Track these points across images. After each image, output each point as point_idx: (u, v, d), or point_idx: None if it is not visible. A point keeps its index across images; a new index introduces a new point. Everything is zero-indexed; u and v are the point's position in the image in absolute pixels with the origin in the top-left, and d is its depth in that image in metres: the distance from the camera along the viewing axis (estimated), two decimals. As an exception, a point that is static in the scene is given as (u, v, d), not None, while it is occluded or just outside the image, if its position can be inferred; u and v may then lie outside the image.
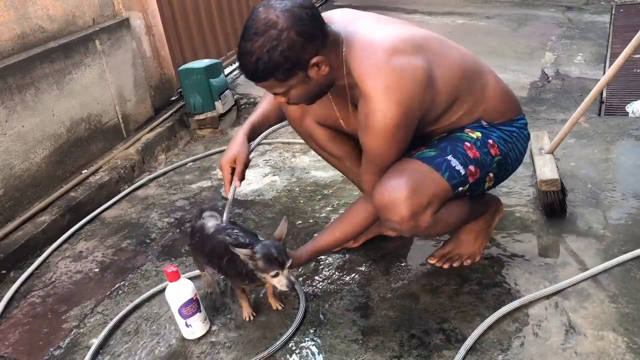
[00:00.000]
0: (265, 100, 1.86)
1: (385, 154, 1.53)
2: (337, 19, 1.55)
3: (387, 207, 1.53)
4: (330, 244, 1.70)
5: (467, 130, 1.63)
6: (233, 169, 1.71)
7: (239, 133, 1.76)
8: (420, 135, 1.61)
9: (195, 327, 1.67)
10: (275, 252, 1.51)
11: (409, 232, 1.58)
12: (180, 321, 1.67)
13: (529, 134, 1.75)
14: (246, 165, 1.73)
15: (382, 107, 1.42)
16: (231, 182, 1.71)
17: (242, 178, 1.73)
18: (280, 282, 1.51)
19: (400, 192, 1.51)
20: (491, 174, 1.65)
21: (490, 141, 1.63)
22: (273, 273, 1.50)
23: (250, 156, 1.75)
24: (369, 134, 1.48)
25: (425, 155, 1.58)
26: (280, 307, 1.76)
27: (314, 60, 1.41)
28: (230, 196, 1.72)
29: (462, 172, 1.57)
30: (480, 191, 1.69)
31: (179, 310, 1.64)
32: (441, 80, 1.50)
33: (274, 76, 1.41)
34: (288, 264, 1.51)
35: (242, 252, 1.50)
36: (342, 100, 1.62)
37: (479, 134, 1.62)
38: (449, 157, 1.57)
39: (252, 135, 1.78)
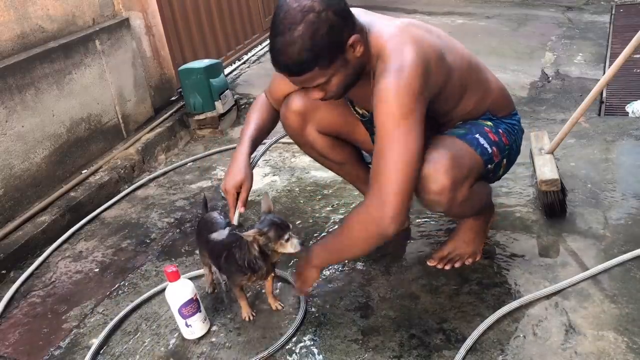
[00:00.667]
0: (254, 112, 1.84)
1: (403, 126, 1.38)
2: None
3: (429, 176, 1.48)
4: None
5: (480, 119, 1.68)
6: (237, 193, 1.72)
7: (240, 155, 1.73)
8: (438, 126, 1.66)
9: (195, 327, 1.67)
10: (277, 220, 1.57)
11: (446, 204, 1.53)
12: (180, 321, 1.67)
13: (523, 129, 1.81)
14: (250, 190, 1.74)
15: (399, 60, 1.38)
16: (235, 207, 1.73)
17: (245, 204, 1.73)
18: (293, 243, 1.56)
19: (442, 162, 1.49)
20: (505, 160, 1.71)
21: (501, 130, 1.68)
22: (286, 237, 1.55)
23: (262, 160, 1.75)
24: (385, 96, 1.38)
25: (455, 132, 1.63)
26: (280, 307, 1.76)
27: (351, 40, 1.38)
28: (235, 221, 1.74)
29: (489, 150, 1.63)
30: (497, 176, 1.75)
31: (179, 310, 1.64)
32: (452, 65, 1.52)
33: (319, 64, 1.37)
34: (291, 226, 1.58)
35: (250, 233, 1.54)
36: (362, 91, 1.55)
37: (490, 123, 1.68)
38: (477, 135, 1.62)
39: (252, 152, 1.77)
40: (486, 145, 1.62)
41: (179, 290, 1.62)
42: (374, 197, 1.42)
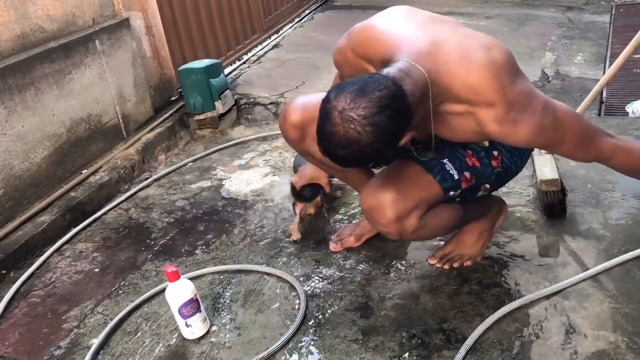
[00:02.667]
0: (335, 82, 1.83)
1: (555, 126, 1.41)
2: (395, 39, 1.44)
3: (372, 210, 1.52)
4: None
5: None
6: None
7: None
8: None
9: (195, 327, 1.67)
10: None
11: (395, 235, 1.55)
12: (180, 321, 1.67)
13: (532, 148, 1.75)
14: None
15: (496, 82, 1.35)
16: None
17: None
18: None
19: (385, 194, 1.49)
20: (487, 185, 1.64)
21: (495, 152, 1.60)
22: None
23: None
24: (541, 138, 1.43)
25: (420, 156, 1.56)
26: (298, 238, 2.07)
27: (402, 141, 1.33)
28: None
29: (456, 176, 1.56)
30: (472, 198, 1.68)
31: (179, 310, 1.64)
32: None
33: (370, 163, 1.48)
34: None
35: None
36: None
37: (486, 143, 1.59)
38: (445, 161, 1.56)
39: None
40: (453, 171, 1.55)
41: (179, 290, 1.62)
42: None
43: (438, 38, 1.41)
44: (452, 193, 1.58)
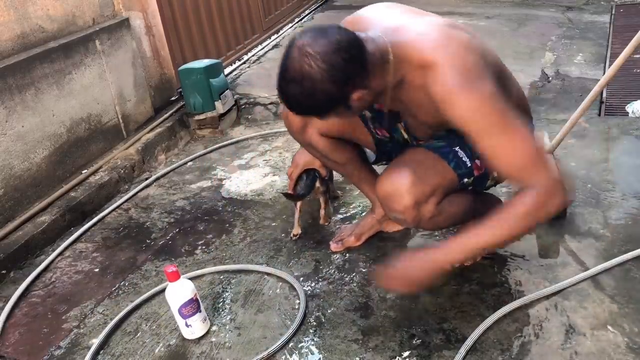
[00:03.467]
0: None
1: (501, 125, 1.32)
2: (372, 21, 1.50)
3: (390, 196, 1.52)
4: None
5: None
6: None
7: None
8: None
9: (195, 327, 1.67)
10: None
11: (412, 222, 1.56)
12: (180, 321, 1.67)
13: None
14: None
15: (449, 68, 1.31)
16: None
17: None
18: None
19: (403, 180, 1.50)
20: (495, 173, 1.65)
21: None
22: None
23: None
24: (473, 115, 1.31)
25: (432, 145, 1.59)
26: (327, 223, 2.15)
27: (354, 96, 1.35)
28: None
29: (469, 164, 1.58)
30: (482, 188, 1.70)
31: (179, 310, 1.64)
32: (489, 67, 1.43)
33: (313, 115, 1.41)
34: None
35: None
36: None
37: None
38: (457, 148, 1.58)
39: None
40: (465, 158, 1.57)
41: (179, 290, 1.62)
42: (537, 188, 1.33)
43: (408, 22, 1.46)
44: (466, 180, 1.60)
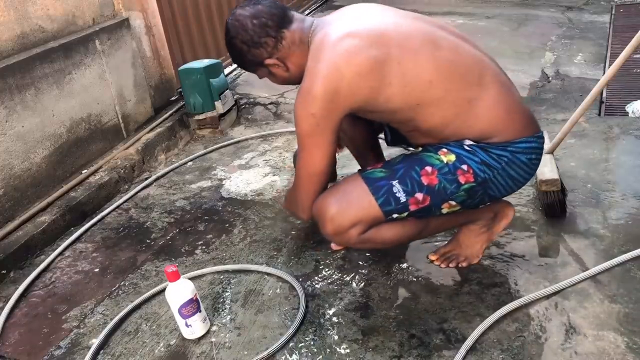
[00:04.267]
0: None
1: (303, 139, 1.57)
2: (339, 12, 1.66)
3: (318, 218, 1.65)
4: None
5: (443, 150, 1.56)
6: None
7: None
8: (409, 134, 1.65)
9: (195, 327, 1.67)
10: None
11: (341, 243, 1.77)
12: (180, 321, 1.67)
13: (532, 159, 1.59)
14: None
15: (309, 78, 1.51)
16: None
17: None
18: None
19: (326, 210, 1.60)
20: (453, 202, 1.59)
21: (465, 167, 1.54)
22: None
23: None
24: (295, 115, 1.56)
25: (373, 175, 1.60)
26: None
27: (267, 62, 1.62)
28: None
29: (403, 199, 1.56)
30: (433, 215, 1.65)
31: (179, 310, 1.64)
32: (398, 75, 1.47)
33: (247, 69, 1.68)
34: None
35: None
36: None
37: (452, 157, 1.55)
38: (394, 182, 1.56)
39: None
40: (400, 194, 1.55)
41: (179, 290, 1.62)
42: (294, 196, 1.74)
43: (349, 20, 1.58)
44: (395, 216, 1.60)
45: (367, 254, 1.97)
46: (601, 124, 2.73)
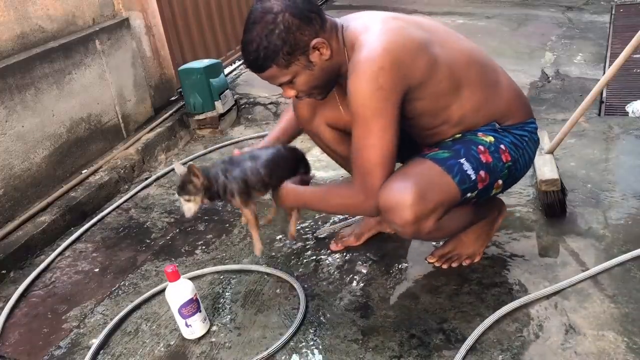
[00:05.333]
0: (284, 117, 1.92)
1: (370, 119, 1.42)
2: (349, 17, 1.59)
3: (391, 209, 1.46)
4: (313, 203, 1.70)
5: (480, 133, 1.59)
6: None
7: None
8: (432, 132, 1.61)
9: (195, 327, 1.67)
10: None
11: (410, 235, 1.55)
12: (180, 321, 1.67)
13: (538, 139, 1.70)
14: None
15: (367, 52, 1.41)
16: None
17: None
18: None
19: (406, 196, 1.44)
20: (500, 181, 1.61)
21: (502, 146, 1.58)
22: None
23: None
24: (355, 96, 1.42)
25: (438, 156, 1.54)
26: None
27: (314, 42, 1.43)
28: None
29: (473, 177, 1.53)
30: (486, 197, 1.65)
31: (179, 310, 1.64)
32: (442, 58, 1.49)
33: (276, 62, 1.43)
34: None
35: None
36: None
37: (491, 138, 1.58)
38: (462, 160, 1.53)
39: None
40: (470, 171, 1.52)
41: (179, 290, 1.62)
42: (358, 187, 1.51)
43: (370, 22, 1.51)
44: (469, 195, 1.55)
45: (367, 254, 1.97)
46: (601, 123, 2.73)
